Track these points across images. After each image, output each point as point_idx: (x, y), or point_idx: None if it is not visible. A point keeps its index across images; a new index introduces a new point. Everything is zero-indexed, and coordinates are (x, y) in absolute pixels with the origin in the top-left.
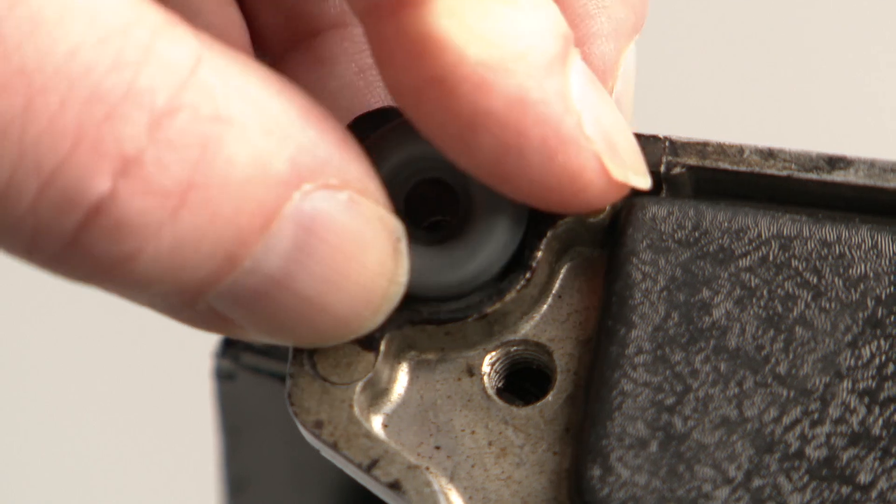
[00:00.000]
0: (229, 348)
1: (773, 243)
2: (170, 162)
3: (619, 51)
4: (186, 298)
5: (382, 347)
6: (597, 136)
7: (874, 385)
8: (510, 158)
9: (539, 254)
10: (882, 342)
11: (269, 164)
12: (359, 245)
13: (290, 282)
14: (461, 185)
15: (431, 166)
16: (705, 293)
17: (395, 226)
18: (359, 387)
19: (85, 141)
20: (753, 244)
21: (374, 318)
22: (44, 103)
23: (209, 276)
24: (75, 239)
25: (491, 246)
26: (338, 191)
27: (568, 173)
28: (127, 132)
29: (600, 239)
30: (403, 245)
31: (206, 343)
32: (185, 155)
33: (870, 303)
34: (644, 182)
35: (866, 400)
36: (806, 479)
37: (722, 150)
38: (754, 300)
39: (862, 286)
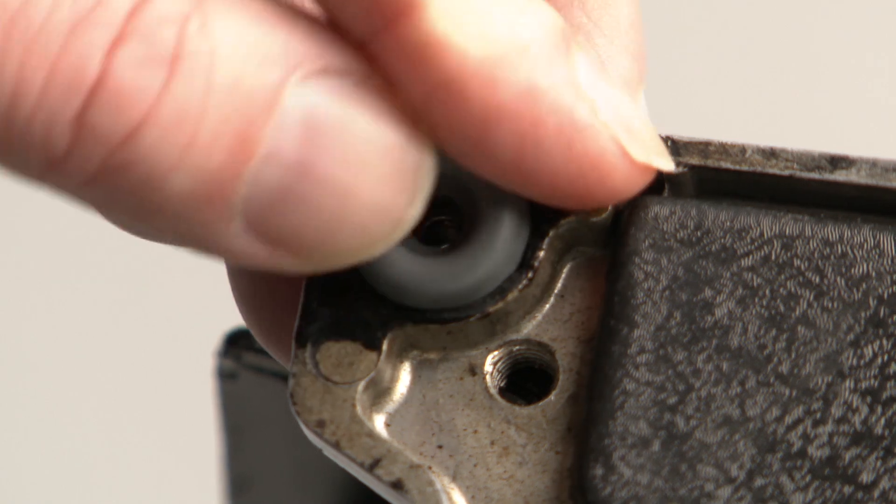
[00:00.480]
0: (231, 348)
1: (775, 243)
2: (158, 36)
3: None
4: (214, 206)
5: (384, 346)
6: (613, 121)
7: (876, 384)
8: (528, 152)
9: (541, 253)
10: (884, 342)
11: (261, 44)
12: (372, 125)
13: (312, 170)
14: (464, 199)
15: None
16: (707, 292)
17: (405, 111)
18: (361, 386)
19: (79, 26)
20: (756, 244)
21: (414, 204)
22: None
23: (226, 164)
24: (81, 122)
25: (493, 258)
26: (341, 76)
27: (589, 160)
28: (114, 12)
29: (602, 238)
30: (423, 126)
31: (208, 342)
32: (172, 30)
33: (872, 302)
34: (668, 164)
35: (869, 399)
36: (808, 478)
37: (724, 149)
38: (756, 300)
39: (864, 286)
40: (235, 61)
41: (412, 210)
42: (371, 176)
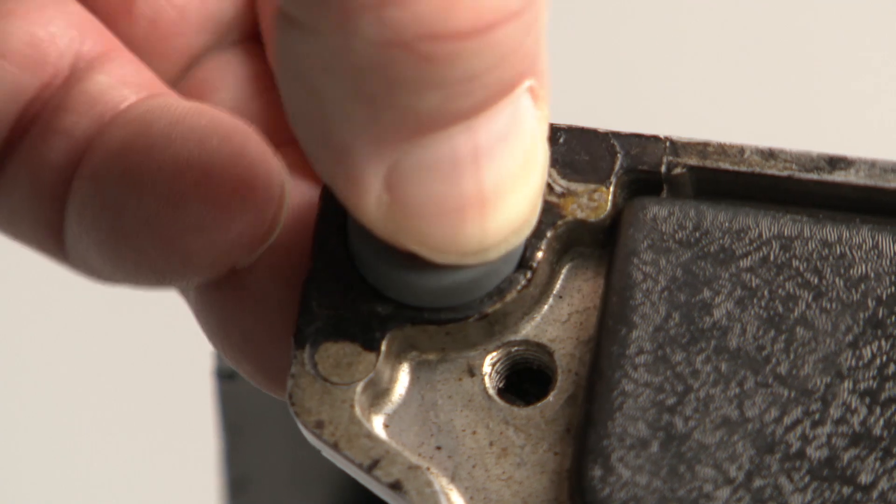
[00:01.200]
0: None
1: (773, 243)
2: None
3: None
4: (408, 133)
5: (383, 347)
6: None
7: (875, 385)
8: None
9: (540, 254)
10: (883, 342)
11: (530, 31)
12: (534, 165)
13: (484, 165)
14: None
15: None
16: (706, 293)
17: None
18: (360, 387)
19: None
20: (754, 244)
21: (503, 246)
22: None
23: (460, 113)
24: None
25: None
26: (538, 107)
27: None
28: None
29: (601, 239)
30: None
31: (206, 342)
32: None
33: (871, 303)
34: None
35: (867, 400)
36: (807, 479)
37: (723, 150)
38: (755, 300)
39: (863, 286)
40: (524, 28)
41: (498, 251)
42: (507, 206)
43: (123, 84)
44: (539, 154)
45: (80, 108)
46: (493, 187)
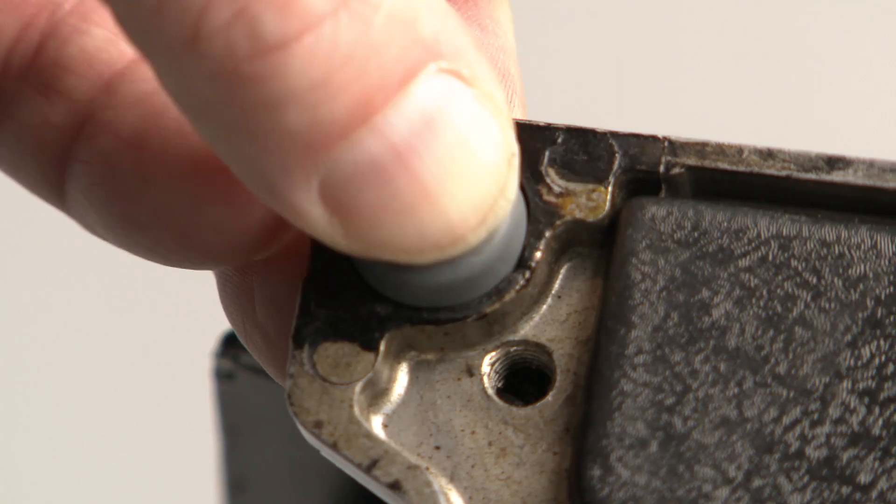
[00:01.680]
0: (228, 348)
1: (772, 243)
2: None
3: None
4: (309, 154)
5: (382, 347)
6: None
7: (874, 385)
8: None
9: (538, 254)
10: (882, 342)
11: (418, 20)
12: (480, 142)
13: (410, 159)
14: None
15: None
16: (705, 293)
17: (513, 140)
18: (358, 387)
19: None
20: (753, 244)
21: (479, 229)
22: None
23: (342, 119)
24: (244, 7)
25: (490, 249)
26: (468, 84)
27: None
28: None
29: (600, 239)
30: (517, 162)
31: (205, 343)
32: None
33: (869, 303)
34: None
35: (866, 400)
36: (806, 479)
37: (721, 150)
38: (754, 300)
39: (861, 286)
40: (395, 23)
41: (476, 235)
42: (458, 191)
43: (119, 36)
44: (486, 128)
45: (79, 69)
46: (434, 176)
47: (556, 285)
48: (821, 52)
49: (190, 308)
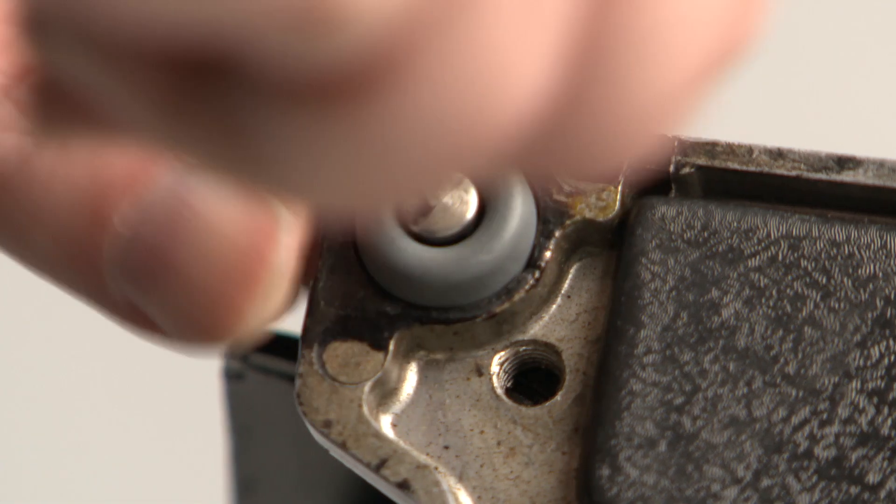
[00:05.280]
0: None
1: (782, 243)
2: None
3: None
4: (80, 267)
5: (391, 347)
6: None
7: (883, 385)
8: None
9: (548, 254)
10: (891, 342)
11: None
12: (217, 221)
13: (163, 252)
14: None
15: None
16: (714, 293)
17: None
18: (368, 386)
19: None
20: (762, 244)
21: (254, 302)
22: None
23: (82, 236)
24: None
25: (500, 249)
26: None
27: None
28: None
29: (609, 239)
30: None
31: None
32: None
33: (879, 303)
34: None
35: (875, 400)
36: (815, 479)
37: (731, 150)
38: (763, 300)
39: (871, 286)
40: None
41: (251, 312)
42: (215, 271)
43: None
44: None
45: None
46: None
47: (566, 285)
48: (831, 51)
49: None
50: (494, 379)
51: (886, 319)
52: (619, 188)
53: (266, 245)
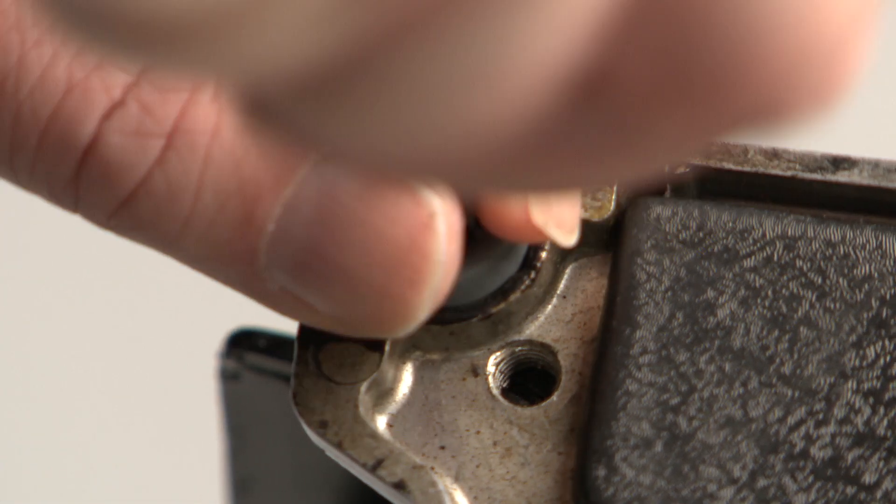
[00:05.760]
0: (234, 349)
1: (777, 244)
2: (158, 106)
3: None
4: (239, 268)
5: (387, 347)
6: None
7: (879, 385)
8: None
9: (544, 254)
10: (887, 342)
11: None
12: (381, 219)
13: (322, 250)
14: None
15: None
16: (710, 293)
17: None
18: (364, 387)
19: (76, 89)
20: (758, 244)
21: (422, 295)
22: (37, 56)
23: (235, 238)
24: (77, 186)
25: (496, 251)
26: None
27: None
28: (116, 79)
29: (605, 239)
30: (439, 223)
31: (210, 343)
32: (175, 104)
33: (874, 303)
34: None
35: (871, 400)
36: (811, 479)
37: (726, 150)
38: (759, 300)
39: (866, 286)
40: (239, 138)
41: (421, 304)
42: (377, 267)
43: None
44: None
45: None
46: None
47: (562, 285)
48: None
49: (195, 308)
50: (490, 379)
51: (882, 320)
52: (615, 188)
53: (425, 237)
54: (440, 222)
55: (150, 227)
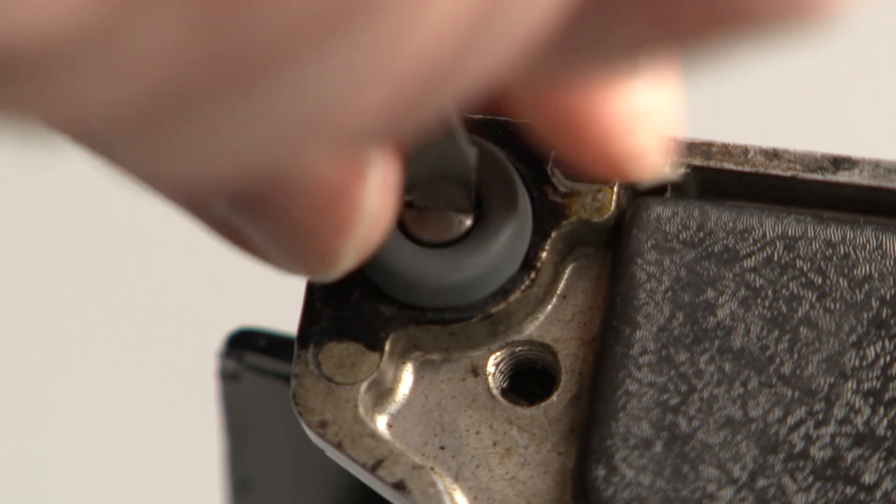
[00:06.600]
0: (234, 349)
1: (777, 244)
2: None
3: None
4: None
5: (387, 347)
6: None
7: (879, 385)
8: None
9: (544, 254)
10: (886, 343)
11: None
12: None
13: (259, 186)
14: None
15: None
16: (710, 293)
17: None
18: (363, 387)
19: None
20: (758, 245)
21: (339, 253)
22: None
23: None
24: None
25: (495, 251)
26: None
27: None
28: None
29: (605, 239)
30: (372, 174)
31: (210, 343)
32: None
33: (874, 303)
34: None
35: (871, 400)
36: (811, 479)
37: (727, 150)
38: (759, 301)
39: (867, 287)
40: None
41: (347, 251)
42: (308, 209)
43: None
44: None
45: None
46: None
47: (562, 285)
48: (827, 50)
49: (195, 308)
50: (490, 379)
51: (882, 320)
52: (615, 189)
53: (356, 185)
54: (374, 173)
55: None
